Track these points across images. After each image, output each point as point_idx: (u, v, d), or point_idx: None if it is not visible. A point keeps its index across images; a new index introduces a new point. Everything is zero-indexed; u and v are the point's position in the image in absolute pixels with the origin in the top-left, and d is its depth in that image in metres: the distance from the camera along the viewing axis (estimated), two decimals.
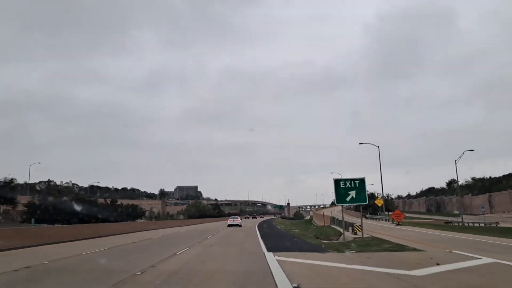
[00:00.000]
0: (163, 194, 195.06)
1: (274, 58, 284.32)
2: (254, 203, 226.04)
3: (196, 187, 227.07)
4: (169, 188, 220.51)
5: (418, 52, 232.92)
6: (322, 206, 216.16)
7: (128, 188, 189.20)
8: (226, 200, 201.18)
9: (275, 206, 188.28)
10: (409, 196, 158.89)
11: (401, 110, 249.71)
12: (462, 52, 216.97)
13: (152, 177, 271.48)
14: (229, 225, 52.76)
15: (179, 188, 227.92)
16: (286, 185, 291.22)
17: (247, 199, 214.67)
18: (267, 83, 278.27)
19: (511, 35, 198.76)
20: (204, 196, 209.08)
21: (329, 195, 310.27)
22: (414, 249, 16.51)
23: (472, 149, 55.71)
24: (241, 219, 64.51)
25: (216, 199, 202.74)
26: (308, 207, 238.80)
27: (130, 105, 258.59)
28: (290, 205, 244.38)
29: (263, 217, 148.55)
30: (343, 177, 35.30)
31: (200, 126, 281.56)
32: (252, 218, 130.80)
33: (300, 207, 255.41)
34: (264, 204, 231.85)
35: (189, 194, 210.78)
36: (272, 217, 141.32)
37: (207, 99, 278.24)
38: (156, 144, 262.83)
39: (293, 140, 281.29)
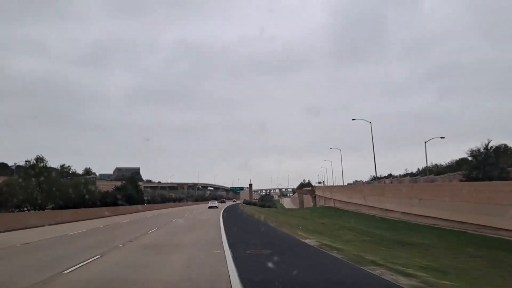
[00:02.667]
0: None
1: (231, 33, 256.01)
2: (204, 186, 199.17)
3: (138, 169, 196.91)
4: (109, 170, 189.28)
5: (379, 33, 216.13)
6: (288, 189, 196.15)
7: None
8: (170, 182, 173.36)
9: (232, 188, 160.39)
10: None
11: (358, 93, 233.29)
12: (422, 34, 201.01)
13: (91, 158, 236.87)
14: (209, 207, 66.06)
15: (117, 170, 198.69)
16: (240, 169, 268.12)
17: (196, 181, 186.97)
18: (222, 59, 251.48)
19: (474, 17, 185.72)
20: (145, 178, 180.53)
21: (294, 179, 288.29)
22: None
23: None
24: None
25: (159, 182, 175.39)
26: (269, 191, 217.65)
27: (72, 79, 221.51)
28: (242, 191, 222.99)
29: (224, 202, 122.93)
30: None
31: (149, 104, 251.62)
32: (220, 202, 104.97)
33: (259, 191, 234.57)
34: (216, 188, 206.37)
35: (127, 176, 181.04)
36: (231, 203, 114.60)
37: (157, 75, 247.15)
38: (99, 123, 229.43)
39: (248, 121, 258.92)
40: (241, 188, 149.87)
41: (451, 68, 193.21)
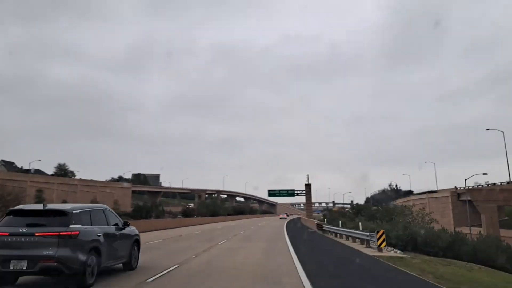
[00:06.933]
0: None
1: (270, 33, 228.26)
2: (232, 195, 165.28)
3: (158, 175, 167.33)
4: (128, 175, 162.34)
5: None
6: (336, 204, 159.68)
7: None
8: (183, 188, 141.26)
9: (272, 193, 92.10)
10: None
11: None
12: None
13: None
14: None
15: (135, 175, 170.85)
16: (271, 184, 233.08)
17: (221, 188, 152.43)
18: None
19: None
20: (166, 184, 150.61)
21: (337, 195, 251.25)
22: None
23: None
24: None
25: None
26: (300, 205, 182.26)
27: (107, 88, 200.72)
28: (279, 203, 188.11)
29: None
30: None
31: (183, 114, 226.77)
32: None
33: (292, 204, 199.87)
34: (247, 198, 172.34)
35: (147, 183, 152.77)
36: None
37: (194, 83, 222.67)
38: (134, 134, 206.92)
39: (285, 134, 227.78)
40: (291, 193, 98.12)
41: None
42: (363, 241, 20.41)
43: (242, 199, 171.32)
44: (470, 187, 52.96)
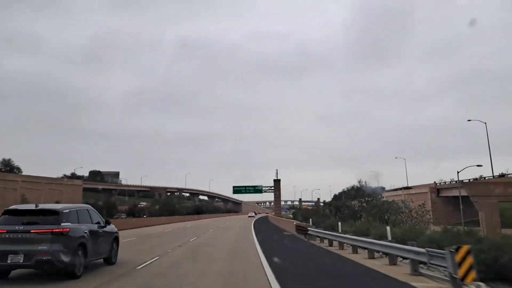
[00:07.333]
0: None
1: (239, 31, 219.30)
2: (196, 194, 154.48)
3: (117, 173, 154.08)
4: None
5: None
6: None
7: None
8: (142, 186, 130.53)
9: (237, 190, 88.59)
10: None
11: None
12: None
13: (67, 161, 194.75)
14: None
15: (93, 172, 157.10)
16: (237, 182, 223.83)
17: (183, 186, 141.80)
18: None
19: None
20: (126, 183, 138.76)
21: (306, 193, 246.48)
22: None
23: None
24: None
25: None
26: (270, 203, 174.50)
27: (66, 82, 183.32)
28: (244, 202, 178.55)
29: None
30: None
31: (148, 110, 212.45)
32: None
33: (258, 203, 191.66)
34: (212, 196, 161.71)
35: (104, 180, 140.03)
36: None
37: (159, 79, 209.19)
38: (94, 130, 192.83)
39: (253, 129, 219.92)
40: (259, 189, 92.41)
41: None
42: (394, 258, 11.85)
43: (206, 198, 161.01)
44: (466, 181, 45.93)
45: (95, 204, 62.71)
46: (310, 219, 38.03)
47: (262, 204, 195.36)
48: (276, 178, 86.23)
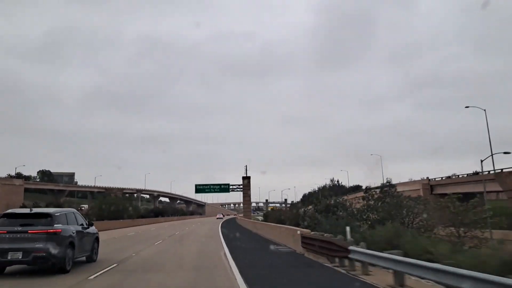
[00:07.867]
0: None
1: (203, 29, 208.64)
2: (156, 195, 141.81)
3: (72, 174, 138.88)
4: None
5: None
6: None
7: None
8: (96, 186, 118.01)
9: (200, 188, 77.24)
10: None
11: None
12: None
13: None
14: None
15: (42, 173, 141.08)
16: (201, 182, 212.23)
17: (142, 187, 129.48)
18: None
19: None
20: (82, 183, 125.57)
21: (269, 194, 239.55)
22: None
23: None
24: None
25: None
26: (235, 205, 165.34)
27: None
28: (208, 203, 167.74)
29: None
30: None
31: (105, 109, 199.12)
32: None
33: (222, 205, 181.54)
34: (173, 198, 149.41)
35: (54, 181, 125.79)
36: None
37: (118, 77, 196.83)
38: (47, 129, 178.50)
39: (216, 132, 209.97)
40: (225, 188, 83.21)
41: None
42: None
43: (167, 199, 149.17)
44: (496, 171, 38.72)
45: (36, 206, 51.62)
46: (305, 222, 28.81)
47: (227, 206, 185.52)
48: (245, 175, 76.91)
